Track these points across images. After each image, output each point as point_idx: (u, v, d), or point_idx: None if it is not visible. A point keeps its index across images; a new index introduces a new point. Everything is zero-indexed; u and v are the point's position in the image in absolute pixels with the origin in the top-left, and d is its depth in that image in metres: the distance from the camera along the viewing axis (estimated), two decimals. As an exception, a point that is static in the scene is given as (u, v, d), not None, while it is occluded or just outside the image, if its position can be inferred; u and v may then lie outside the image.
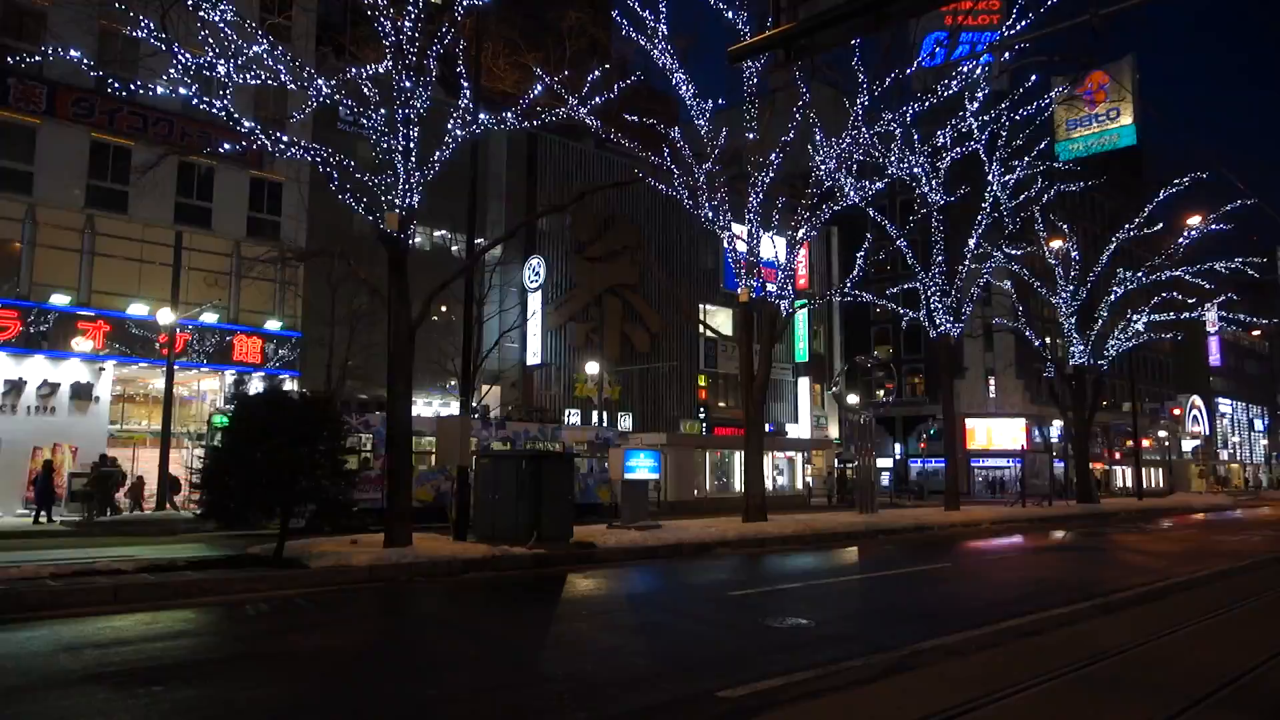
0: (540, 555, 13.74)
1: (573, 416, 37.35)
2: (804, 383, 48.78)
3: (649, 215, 41.29)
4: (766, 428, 32.21)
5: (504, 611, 10.17)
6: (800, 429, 47.35)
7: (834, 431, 49.92)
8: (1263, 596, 11.33)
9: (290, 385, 26.39)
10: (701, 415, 40.55)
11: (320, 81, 13.51)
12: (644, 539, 15.97)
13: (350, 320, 24.57)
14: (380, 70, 14.35)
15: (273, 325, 27.74)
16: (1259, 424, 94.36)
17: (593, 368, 35.54)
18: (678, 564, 14.56)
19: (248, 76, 12.89)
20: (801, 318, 47.16)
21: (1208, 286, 34.37)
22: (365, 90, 14.31)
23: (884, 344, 60.62)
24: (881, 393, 57.70)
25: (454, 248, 33.74)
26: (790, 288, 22.41)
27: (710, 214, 21.03)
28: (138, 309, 24.86)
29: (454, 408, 26.23)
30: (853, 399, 34.05)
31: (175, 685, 6.32)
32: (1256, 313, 46.15)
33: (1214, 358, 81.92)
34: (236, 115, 12.71)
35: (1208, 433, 79.68)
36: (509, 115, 15.17)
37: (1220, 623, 9.41)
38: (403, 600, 10.70)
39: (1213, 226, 32.11)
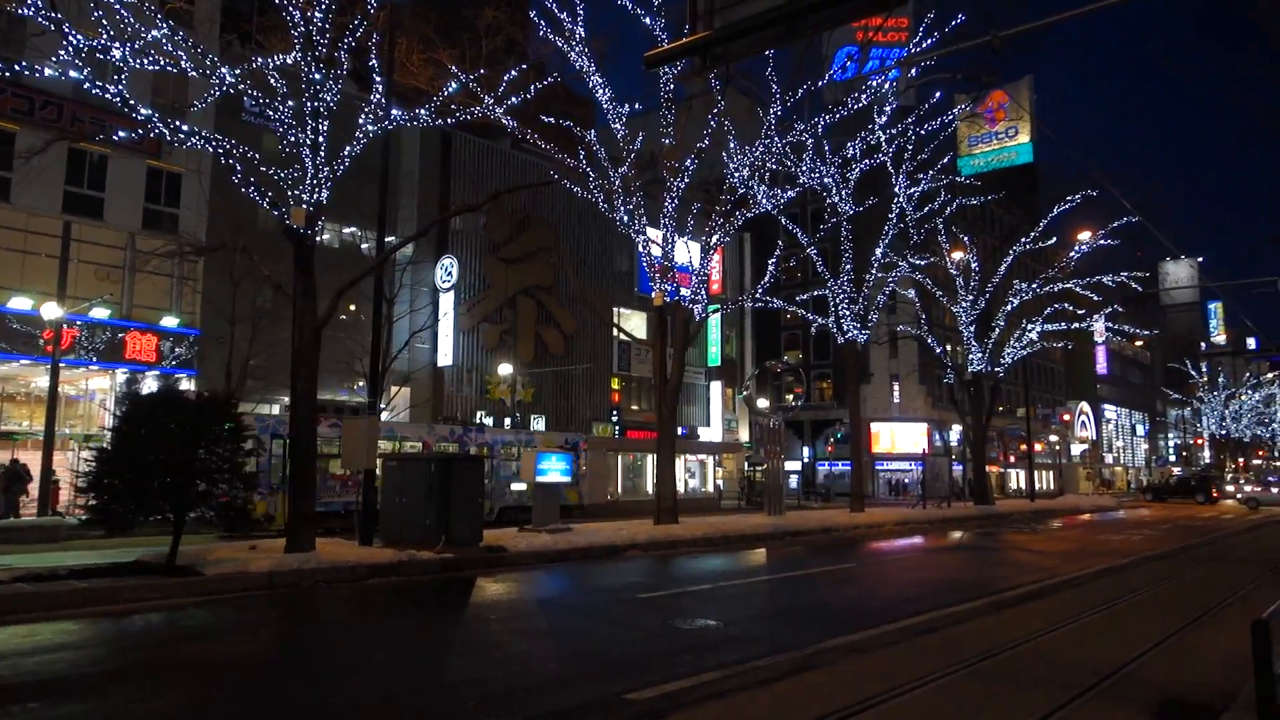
0: (449, 559, 13.54)
1: (485, 419, 36.91)
2: (716, 386, 49.39)
3: (565, 217, 41.19)
4: (679, 431, 32.45)
5: (411, 617, 9.99)
6: (712, 432, 47.92)
7: (744, 435, 50.69)
8: (1142, 592, 12.01)
9: (187, 385, 25.34)
10: (614, 418, 40.62)
11: (224, 70, 13.03)
12: (555, 542, 15.90)
13: (253, 318, 23.75)
14: (288, 61, 13.94)
15: (169, 322, 26.59)
16: (1140, 429, 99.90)
17: (506, 369, 35.22)
18: (589, 567, 14.58)
19: (146, 61, 12.34)
20: (714, 322, 47.73)
21: (1096, 299, 36.21)
22: (272, 81, 13.87)
23: (794, 349, 61.85)
24: (791, 397, 58.72)
25: (364, 245, 32.98)
26: (704, 292, 22.65)
27: (626, 218, 21.09)
28: (20, 303, 23.47)
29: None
30: (763, 403, 34.65)
31: (56, 701, 6.00)
32: (1139, 324, 48.93)
33: (1101, 366, 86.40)
34: (133, 101, 12.15)
35: (1095, 437, 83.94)
36: (422, 112, 14.93)
37: (1104, 617, 9.94)
38: (305, 607, 10.40)
39: (1101, 242, 33.85)
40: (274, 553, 12.84)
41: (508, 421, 34.90)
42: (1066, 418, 75.25)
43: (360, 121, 14.32)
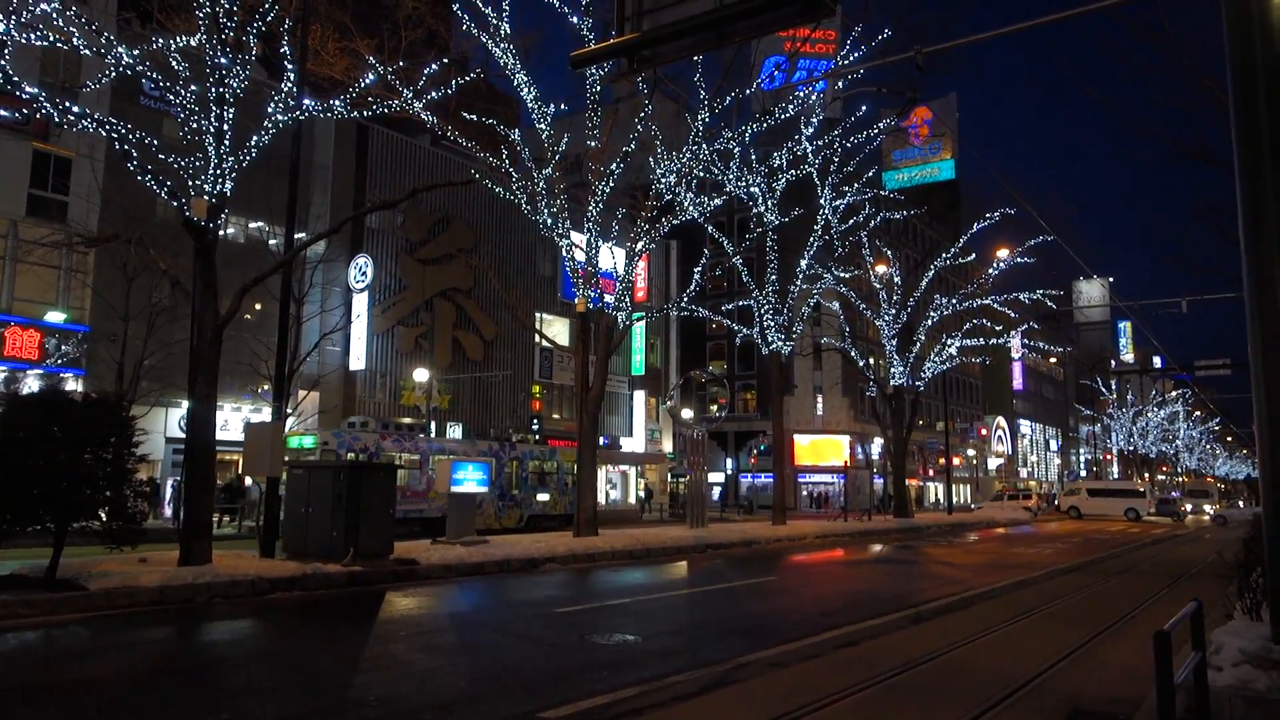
0: (356, 573, 13.19)
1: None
2: (639, 396, 49.52)
3: (486, 218, 40.81)
4: (601, 441, 32.41)
5: (313, 633, 9.68)
6: (635, 442, 48.00)
7: (668, 445, 50.91)
8: (1054, 604, 12.45)
9: (74, 385, 24.17)
10: (535, 427, 40.34)
11: (121, 50, 12.49)
12: (469, 555, 15.66)
13: (148, 315, 22.79)
14: (192, 43, 13.44)
15: (54, 317, 25.33)
16: (1053, 444, 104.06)
17: (421, 375, 34.65)
18: (505, 581, 14.40)
19: (33, 36, 11.74)
20: (639, 330, 47.89)
21: (1013, 315, 37.64)
22: (174, 64, 13.36)
23: (719, 359, 62.51)
24: (715, 407, 59.34)
25: (272, 241, 32.03)
26: (628, 300, 22.69)
27: (549, 221, 20.99)
28: (-115, 293, 22.07)
29: (266, 414, 24.87)
30: (687, 413, 34.87)
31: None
32: (1054, 342, 50.98)
33: (1017, 382, 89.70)
34: (16, 79, 11.54)
35: (1010, 452, 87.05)
36: (337, 103, 14.57)
37: (1017, 629, 10.25)
38: (198, 624, 9.98)
39: (1019, 259, 35.21)
40: (166, 566, 12.31)
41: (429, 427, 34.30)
42: (984, 432, 77.81)
43: (270, 110, 13.90)
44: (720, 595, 13.29)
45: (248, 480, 25.68)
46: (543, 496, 29.49)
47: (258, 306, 30.01)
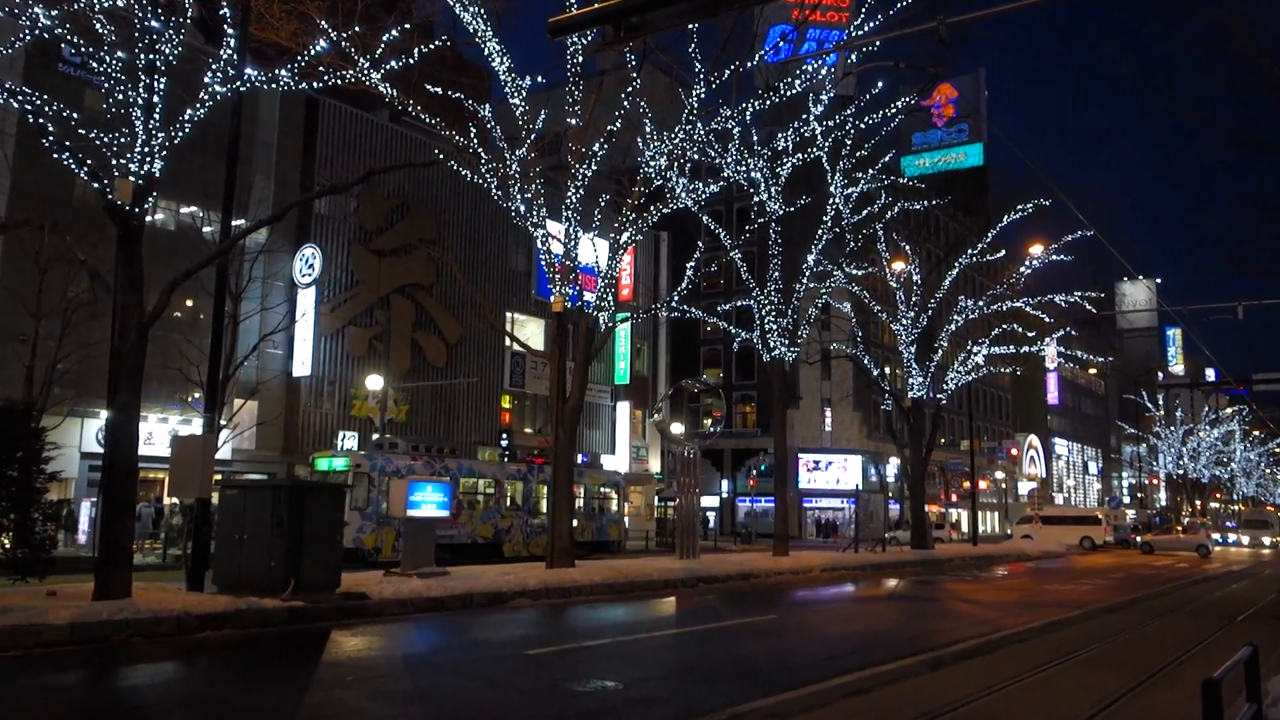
0: (298, 609, 13.12)
1: (349, 440, 36.14)
2: (623, 408, 49.53)
3: (452, 205, 40.79)
4: (578, 458, 32.40)
5: (248, 678, 9.62)
6: (618, 460, 47.97)
7: (655, 465, 50.91)
8: (1092, 648, 12.52)
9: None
10: (504, 442, 40.25)
11: (38, 10, 12.44)
12: (428, 588, 15.62)
13: (63, 312, 22.65)
14: (119, 3, 13.39)
15: (-45, 314, 25.14)
16: (1093, 467, 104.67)
17: (375, 382, 34.53)
18: (468, 618, 14.36)
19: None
20: (623, 333, 47.91)
21: (1047, 320, 37.83)
22: (98, 26, 13.30)
23: (714, 367, 62.56)
24: (709, 422, 59.23)
25: (207, 229, 31.83)
26: (611, 298, 22.70)
27: (523, 208, 20.99)
28: None
29: (197, 425, 24.74)
30: (677, 428, 34.84)
31: None
32: (1093, 351, 51.26)
33: (1052, 396, 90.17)
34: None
35: (1044, 475, 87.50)
36: (283, 73, 14.53)
37: (1048, 677, 10.30)
38: (116, 667, 9.91)
39: (1055, 257, 35.40)
40: (79, 600, 12.21)
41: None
42: (1014, 452, 78.14)
43: (206, 81, 13.85)
44: (714, 635, 13.29)
45: (172, 501, 25.72)
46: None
47: (189, 303, 29.85)
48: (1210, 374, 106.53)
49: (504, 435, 41.38)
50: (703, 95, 21.66)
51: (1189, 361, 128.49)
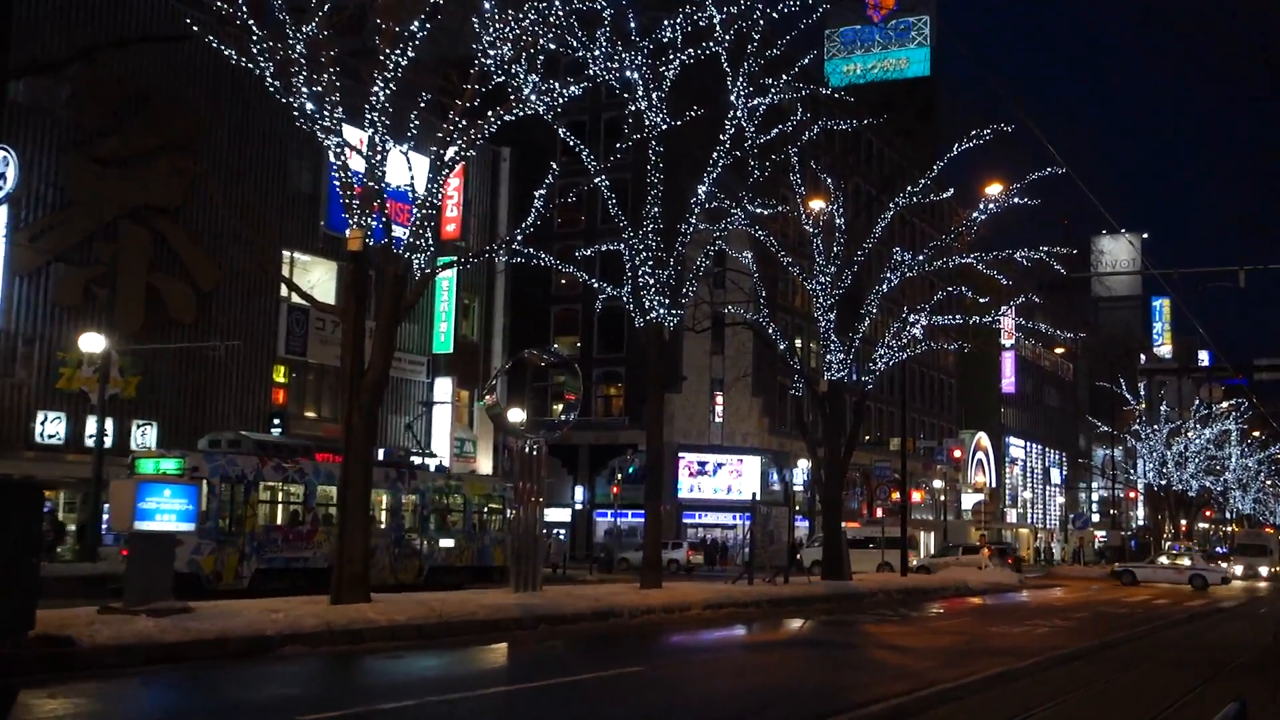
0: (-29, 659, 12.58)
1: (52, 423, 34.86)
2: (445, 385, 49.09)
3: (211, 100, 39.48)
4: (380, 453, 31.95)
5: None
6: (436, 457, 47.60)
7: (486, 464, 50.71)
8: (1044, 708, 13.08)
9: None
10: (277, 428, 39.43)
11: None
12: (161, 631, 15.19)
13: None
14: None
15: None
16: (1056, 474, 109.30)
17: (94, 342, 33.22)
18: (219, 672, 14.12)
19: None
20: (446, 284, 47.43)
21: (1005, 282, 39.05)
22: None
23: (569, 334, 62.60)
24: (560, 408, 59.25)
25: None
26: (431, 235, 22.41)
27: (310, 106, 20.53)
28: None
29: None
30: (517, 415, 34.79)
31: None
32: (1062, 324, 53.34)
33: (1007, 382, 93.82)
34: None
35: (994, 484, 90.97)
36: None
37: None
38: None
39: (1015, 200, 36.44)
40: None
41: (93, 425, 33.08)
42: (958, 454, 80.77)
43: None
44: (557, 695, 13.34)
45: None
46: (447, 542, 33.30)
47: None
48: (1204, 358, 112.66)
49: (276, 419, 40.53)
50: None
51: (1178, 341, 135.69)
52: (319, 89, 20.57)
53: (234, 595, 23.14)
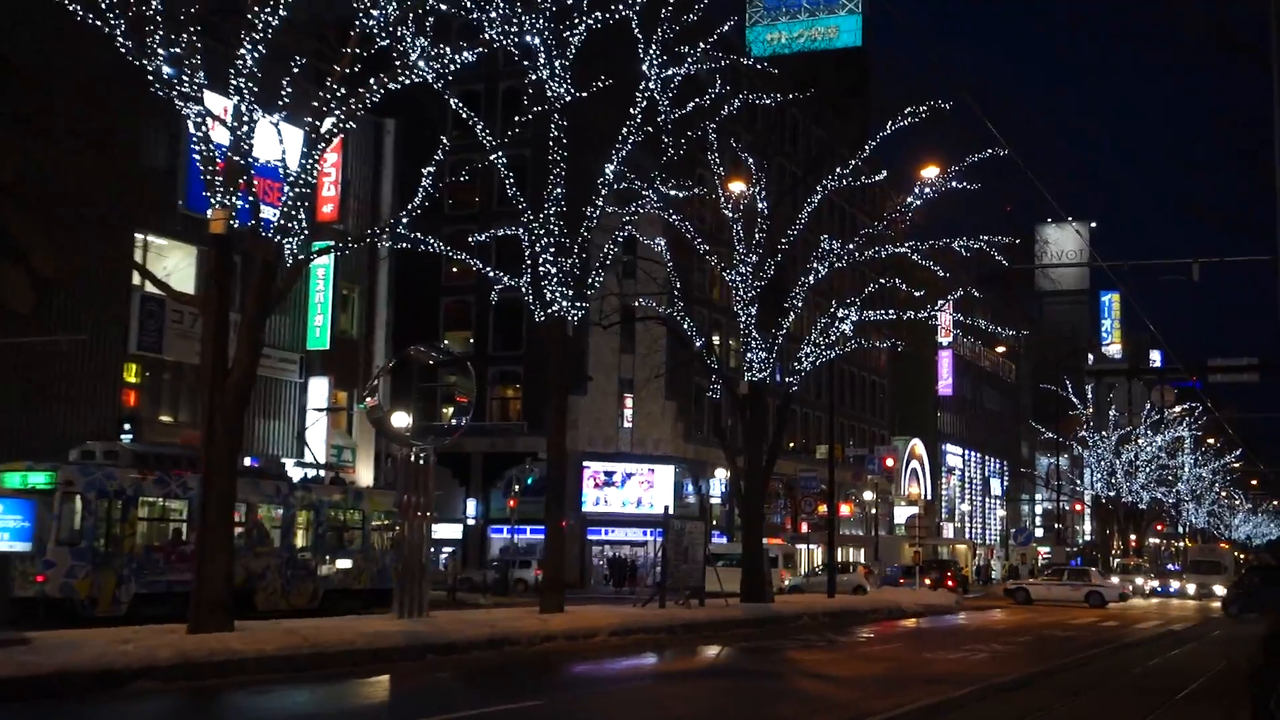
0: None
1: None
2: (319, 386, 48.54)
3: (53, 59, 38.74)
4: (246, 462, 31.55)
5: None
6: (310, 467, 47.15)
7: (367, 474, 50.25)
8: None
9: None
10: (128, 436, 38.76)
11: None
12: (-10, 665, 14.89)
13: None
14: None
15: None
16: (996, 485, 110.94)
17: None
18: (56, 713, 14.01)
19: None
20: (322, 272, 46.92)
21: (942, 274, 39.48)
22: None
23: (461, 328, 62.27)
24: (451, 411, 59.07)
25: None
26: (306, 216, 22.18)
27: (168, 70, 20.23)
28: None
29: None
30: (402, 420, 34.46)
31: None
32: (1003, 320, 54.17)
33: (944, 383, 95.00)
34: None
35: (929, 496, 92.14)
36: None
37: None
38: None
39: (955, 184, 36.89)
40: None
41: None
42: (890, 463, 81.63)
43: None
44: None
45: None
46: (343, 563, 33.58)
47: None
48: (1155, 358, 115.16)
49: (127, 425, 39.86)
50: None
51: (1128, 340, 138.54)
52: (177, 50, 20.30)
53: (112, 623, 23.09)
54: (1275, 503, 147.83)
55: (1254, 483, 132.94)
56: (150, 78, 20.55)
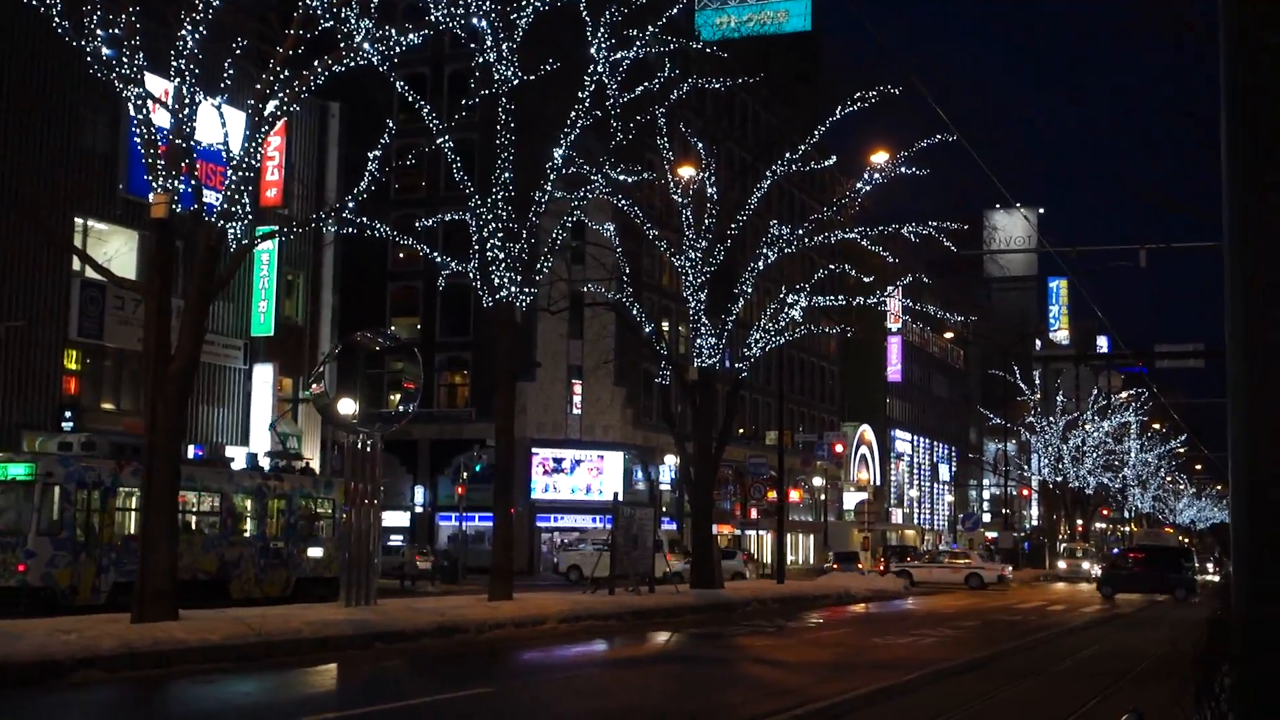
0: None
1: None
2: (264, 373, 48.30)
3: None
4: (190, 451, 31.35)
5: None
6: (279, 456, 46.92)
7: (313, 462, 50.03)
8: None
9: None
10: (68, 423, 38.40)
11: None
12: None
13: None
14: None
15: None
16: (945, 471, 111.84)
17: None
18: (-1, 702, 13.70)
19: None
20: (266, 257, 46.62)
21: (891, 260, 39.74)
22: None
23: (408, 314, 62.09)
24: (398, 397, 58.62)
25: None
26: (249, 200, 22.03)
27: (107, 51, 20.03)
28: None
29: None
30: (348, 406, 34.28)
31: None
32: (952, 306, 54.53)
33: (893, 369, 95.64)
34: None
35: (878, 482, 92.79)
36: None
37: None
38: None
39: (905, 170, 37.11)
40: None
41: None
42: (840, 449, 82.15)
43: None
44: (394, 722, 13.26)
45: None
46: (315, 552, 33.94)
47: None
48: (1102, 344, 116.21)
49: (67, 413, 39.52)
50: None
51: (1076, 327, 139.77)
52: (116, 31, 20.09)
53: (91, 610, 23.27)
54: (1219, 487, 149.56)
55: (1198, 467, 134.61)
56: (89, 59, 20.36)
